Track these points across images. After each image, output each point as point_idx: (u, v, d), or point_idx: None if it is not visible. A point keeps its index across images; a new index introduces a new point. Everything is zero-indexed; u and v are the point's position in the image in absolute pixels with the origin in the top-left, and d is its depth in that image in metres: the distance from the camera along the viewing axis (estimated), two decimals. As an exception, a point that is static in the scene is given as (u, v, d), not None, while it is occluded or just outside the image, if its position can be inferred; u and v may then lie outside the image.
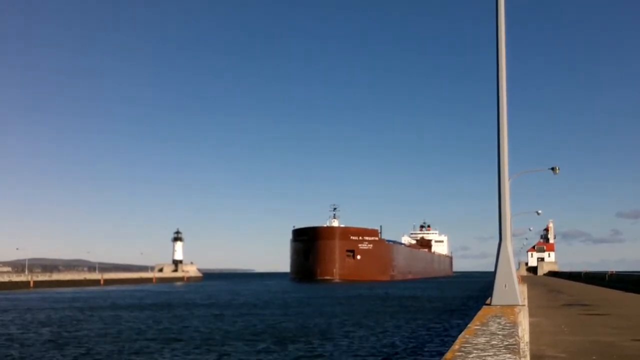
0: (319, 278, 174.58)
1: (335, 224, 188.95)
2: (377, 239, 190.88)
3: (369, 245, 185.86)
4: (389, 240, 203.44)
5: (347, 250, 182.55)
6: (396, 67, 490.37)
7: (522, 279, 57.22)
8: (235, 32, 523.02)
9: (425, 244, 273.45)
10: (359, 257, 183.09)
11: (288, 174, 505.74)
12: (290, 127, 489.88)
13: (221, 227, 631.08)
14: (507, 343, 6.58)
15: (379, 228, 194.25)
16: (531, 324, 18.88)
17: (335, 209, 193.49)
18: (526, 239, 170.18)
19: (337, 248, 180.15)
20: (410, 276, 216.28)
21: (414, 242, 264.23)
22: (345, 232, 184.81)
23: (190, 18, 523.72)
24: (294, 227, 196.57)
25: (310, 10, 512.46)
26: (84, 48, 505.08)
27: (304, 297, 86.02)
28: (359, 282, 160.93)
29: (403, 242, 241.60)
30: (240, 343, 33.63)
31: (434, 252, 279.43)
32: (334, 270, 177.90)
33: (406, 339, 35.37)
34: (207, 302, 73.90)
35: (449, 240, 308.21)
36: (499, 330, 7.82)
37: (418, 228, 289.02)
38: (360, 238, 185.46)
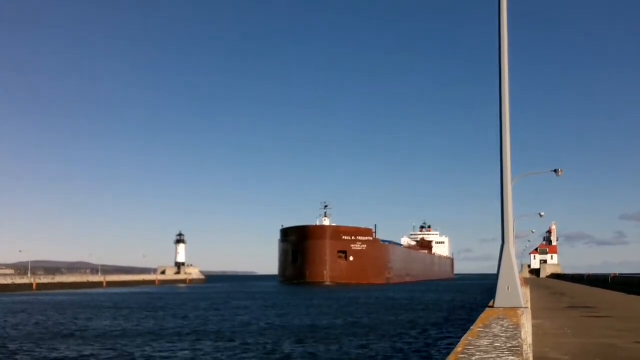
0: (308, 281, 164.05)
1: (326, 222, 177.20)
2: (371, 239, 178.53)
3: (362, 245, 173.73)
4: (384, 241, 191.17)
5: (339, 251, 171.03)
6: (399, 67, 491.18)
7: (525, 282, 57.05)
8: (231, 33, 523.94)
9: (425, 245, 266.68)
10: (351, 258, 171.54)
11: (290, 176, 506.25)
12: (291, 127, 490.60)
13: (224, 229, 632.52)
14: (510, 345, 6.55)
15: (373, 227, 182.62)
16: (534, 326, 18.83)
17: (326, 206, 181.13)
18: (529, 241, 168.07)
19: (328, 249, 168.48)
20: (408, 279, 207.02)
21: (413, 243, 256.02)
22: (337, 231, 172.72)
23: (189, 18, 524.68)
24: (282, 226, 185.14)
25: (308, 11, 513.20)
26: (85, 50, 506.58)
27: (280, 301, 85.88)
28: (352, 285, 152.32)
29: (402, 243, 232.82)
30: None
31: (434, 254, 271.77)
32: (325, 272, 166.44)
33: (407, 342, 35.26)
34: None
35: (450, 241, 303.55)
36: (502, 333, 7.77)
37: (418, 229, 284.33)
38: (353, 238, 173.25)
